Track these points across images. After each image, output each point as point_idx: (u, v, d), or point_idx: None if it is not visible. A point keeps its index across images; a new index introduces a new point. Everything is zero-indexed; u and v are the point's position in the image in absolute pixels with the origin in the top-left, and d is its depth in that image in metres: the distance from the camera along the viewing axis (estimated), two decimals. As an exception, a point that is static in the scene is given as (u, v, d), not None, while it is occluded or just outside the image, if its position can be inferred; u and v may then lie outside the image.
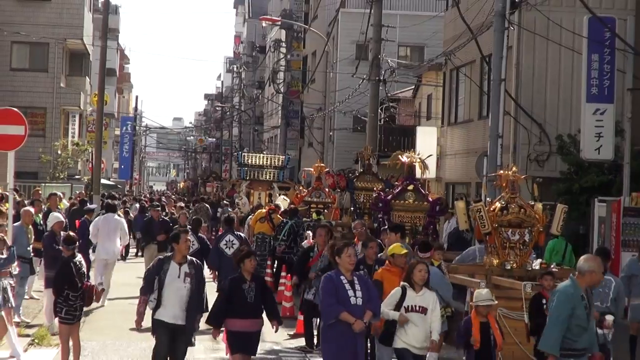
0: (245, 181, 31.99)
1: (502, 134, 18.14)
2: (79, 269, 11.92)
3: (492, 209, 12.91)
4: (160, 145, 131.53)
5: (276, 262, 21.03)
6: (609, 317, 11.33)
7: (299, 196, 24.06)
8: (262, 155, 34.56)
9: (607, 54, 18.18)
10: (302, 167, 42.30)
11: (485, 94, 23.30)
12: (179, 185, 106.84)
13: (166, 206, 34.20)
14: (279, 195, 28.69)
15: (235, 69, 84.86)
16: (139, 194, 67.06)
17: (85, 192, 32.95)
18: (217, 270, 17.00)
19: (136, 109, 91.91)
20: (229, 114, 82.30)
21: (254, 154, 34.55)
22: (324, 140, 44.13)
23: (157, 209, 23.94)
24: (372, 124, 27.09)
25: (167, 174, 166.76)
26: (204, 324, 11.14)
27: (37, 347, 14.08)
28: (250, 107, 69.03)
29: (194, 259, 11.04)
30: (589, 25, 18.04)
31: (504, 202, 12.96)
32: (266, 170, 31.68)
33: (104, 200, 29.96)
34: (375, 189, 20.57)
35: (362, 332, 10.00)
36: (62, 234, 14.43)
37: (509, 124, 21.10)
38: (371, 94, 27.35)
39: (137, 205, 35.33)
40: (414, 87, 36.61)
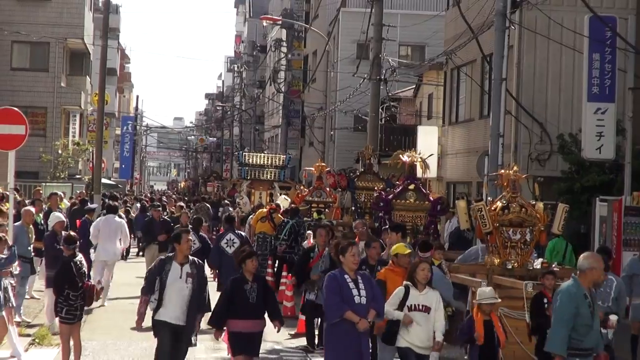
0: (246, 181, 31.94)
1: (503, 133, 18.14)
2: (79, 268, 11.92)
3: (493, 209, 12.89)
4: (161, 144, 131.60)
5: (277, 261, 21.04)
6: (613, 317, 11.31)
7: (300, 196, 24.04)
8: (263, 154, 34.51)
9: (608, 53, 18.19)
10: (303, 166, 42.29)
11: (486, 94, 23.29)
12: (180, 184, 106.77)
13: (167, 205, 34.19)
14: (280, 194, 28.67)
15: (236, 69, 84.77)
16: (140, 194, 67.01)
17: (85, 192, 32.91)
18: (218, 269, 17.01)
19: (137, 108, 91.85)
20: (229, 113, 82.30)
21: (254, 154, 34.50)
22: (324, 139, 44.11)
23: (158, 209, 23.92)
24: (373, 123, 27.07)
25: (168, 174, 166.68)
26: (204, 324, 11.13)
27: (37, 346, 14.07)
28: (251, 107, 69.01)
29: (195, 259, 10.96)
30: (590, 24, 18.04)
31: (505, 202, 12.95)
32: (267, 169, 31.64)
33: (105, 200, 29.98)
34: (376, 188, 20.59)
35: (366, 331, 9.96)
36: (63, 233, 14.42)
37: (510, 123, 21.09)
38: (372, 94, 27.33)
39: (138, 204, 35.33)
40: (415, 86, 36.59)
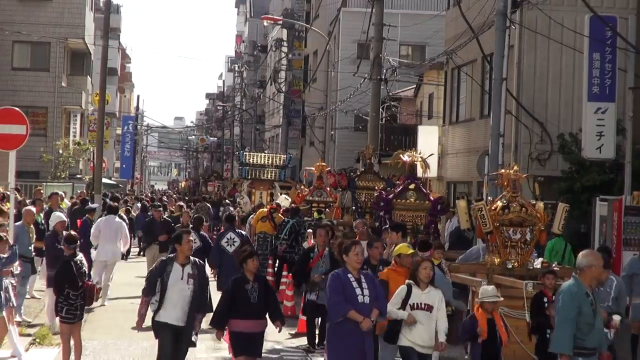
0: (246, 180, 31.93)
1: (503, 133, 18.15)
2: (79, 268, 11.92)
3: (493, 208, 12.90)
4: (161, 144, 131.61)
5: (277, 261, 21.04)
6: (617, 317, 11.29)
7: (300, 195, 24.05)
8: (263, 154, 34.52)
9: (609, 53, 18.19)
10: (304, 166, 42.31)
11: (486, 93, 23.29)
12: (181, 184, 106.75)
13: (167, 205, 34.21)
14: (281, 194, 28.68)
15: (236, 68, 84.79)
16: (141, 193, 67.01)
17: (86, 192, 32.93)
18: (218, 267, 17.03)
19: (137, 108, 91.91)
20: (230, 113, 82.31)
21: (255, 153, 34.51)
22: (325, 139, 44.11)
23: (159, 209, 23.91)
24: (373, 123, 27.08)
25: (169, 173, 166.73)
26: (205, 324, 11.12)
27: (38, 346, 14.07)
28: (251, 107, 69.01)
29: (196, 260, 10.89)
30: (591, 24, 18.04)
31: (505, 201, 12.96)
32: (267, 169, 31.64)
33: (105, 200, 29.99)
34: (376, 188, 20.59)
35: (369, 330, 9.95)
36: (64, 233, 14.43)
37: (511, 123, 21.08)
38: (372, 93, 27.33)
39: (139, 204, 35.33)
40: (415, 86, 36.58)
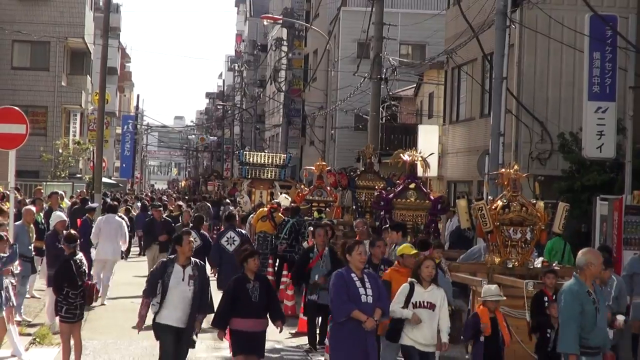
0: (246, 180, 31.93)
1: (503, 132, 18.14)
2: (79, 267, 11.91)
3: (493, 207, 12.90)
4: (161, 143, 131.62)
5: (278, 260, 21.04)
6: (620, 317, 11.26)
7: (300, 195, 24.04)
8: (263, 153, 34.49)
9: (609, 52, 18.17)
10: (304, 165, 42.30)
11: (486, 92, 23.28)
12: (181, 184, 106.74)
13: (168, 204, 34.19)
14: (281, 193, 28.68)
15: (236, 68, 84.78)
16: (141, 193, 67.01)
17: (86, 191, 32.92)
18: (218, 266, 17.04)
19: (137, 107, 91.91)
20: (230, 112, 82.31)
21: (255, 153, 34.49)
22: (325, 138, 44.10)
23: (159, 208, 23.89)
24: (373, 122, 27.07)
25: (169, 173, 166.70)
26: (206, 323, 11.10)
27: (38, 346, 14.07)
28: (251, 106, 69.01)
29: (197, 261, 10.83)
30: (591, 23, 18.02)
31: (505, 201, 12.95)
32: (268, 168, 31.63)
33: (105, 199, 29.99)
34: (376, 187, 20.57)
35: (372, 330, 9.94)
36: (64, 232, 14.42)
37: (511, 122, 21.07)
38: (373, 93, 27.33)
39: (139, 204, 35.33)
40: (415, 85, 36.56)
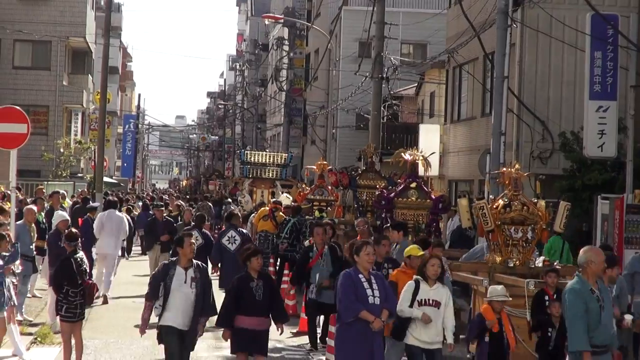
0: (247, 179, 31.93)
1: (505, 131, 18.13)
2: (79, 265, 11.90)
3: (494, 207, 12.88)
4: (162, 143, 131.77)
5: (279, 259, 21.05)
6: (628, 317, 11.23)
7: (301, 194, 24.04)
8: (264, 153, 34.51)
9: (610, 51, 18.18)
10: (305, 164, 42.32)
11: (488, 92, 23.28)
12: (182, 183, 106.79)
13: (169, 204, 34.19)
14: (282, 193, 28.68)
15: (238, 67, 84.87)
16: (142, 192, 67.02)
17: (87, 190, 32.92)
18: (218, 265, 17.06)
19: (139, 107, 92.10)
20: (231, 111, 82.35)
21: (256, 152, 34.52)
22: (326, 138, 44.11)
23: (161, 208, 23.88)
24: (374, 121, 27.07)
25: (170, 172, 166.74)
26: (207, 322, 11.09)
27: (39, 345, 14.07)
28: (253, 105, 69.04)
29: (199, 263, 10.77)
30: (592, 22, 18.03)
31: (506, 200, 12.93)
32: (269, 168, 31.62)
33: (107, 198, 29.97)
34: (378, 186, 20.55)
35: (380, 331, 9.94)
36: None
37: (512, 121, 21.07)
38: (374, 92, 27.33)
39: (140, 203, 35.33)
40: (416, 84, 36.56)
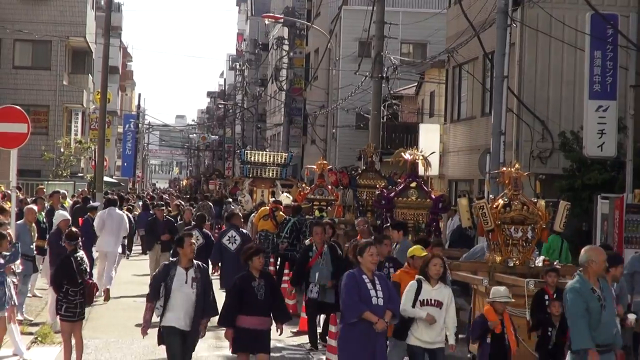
0: (248, 179, 31.93)
1: (504, 131, 18.15)
2: (79, 264, 11.90)
3: (494, 206, 12.88)
4: (163, 142, 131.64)
5: (279, 259, 21.06)
6: (632, 316, 11.21)
7: (302, 193, 24.06)
8: (264, 152, 34.53)
9: (610, 51, 18.19)
10: (305, 164, 42.34)
11: (487, 91, 23.30)
12: (182, 182, 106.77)
13: (169, 203, 34.19)
14: (282, 192, 28.69)
15: (238, 67, 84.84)
16: (142, 192, 67.03)
17: (88, 190, 32.93)
18: (218, 265, 17.08)
19: (139, 106, 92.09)
20: (231, 111, 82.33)
21: (256, 152, 34.53)
22: (326, 137, 44.12)
23: (162, 207, 23.87)
24: (374, 121, 27.08)
25: (170, 172, 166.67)
26: (209, 323, 11.09)
27: (40, 345, 14.07)
28: (253, 105, 69.03)
29: (200, 263, 10.77)
30: (592, 22, 18.03)
31: (506, 199, 12.94)
32: (269, 167, 31.63)
33: (107, 197, 29.98)
34: (378, 186, 20.56)
35: (383, 332, 9.94)
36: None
37: (512, 121, 21.09)
38: (374, 91, 27.34)
39: (140, 202, 35.33)
40: (416, 84, 36.57)
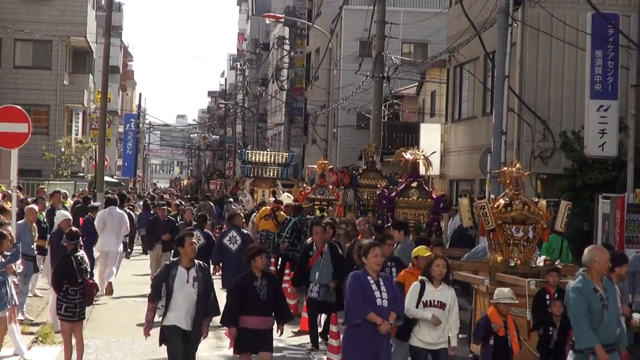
0: (248, 178, 31.98)
1: (505, 130, 18.13)
2: (80, 263, 11.89)
3: (496, 206, 12.87)
4: (163, 142, 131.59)
5: (280, 259, 21.05)
6: (636, 315, 11.18)
7: (302, 193, 24.06)
8: (265, 152, 34.56)
9: (611, 51, 18.18)
10: (306, 164, 42.36)
11: (489, 91, 23.28)
12: (183, 182, 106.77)
13: (170, 202, 34.17)
14: (283, 192, 28.70)
15: (238, 66, 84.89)
16: (143, 192, 67.02)
17: (88, 190, 32.92)
18: (219, 265, 17.08)
19: (139, 106, 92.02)
20: (232, 111, 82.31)
21: (257, 152, 34.56)
22: (327, 137, 44.12)
23: (163, 207, 23.85)
24: (375, 121, 27.08)
25: (171, 171, 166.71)
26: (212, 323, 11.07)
27: (40, 344, 14.06)
28: (253, 105, 69.01)
29: (201, 263, 10.74)
30: (593, 21, 18.03)
31: (507, 199, 12.92)
32: (270, 167, 31.65)
33: (107, 196, 29.98)
34: (379, 186, 20.56)
35: (387, 333, 9.93)
36: (68, 231, 14.42)
37: (513, 120, 21.07)
38: (375, 91, 27.34)
39: (141, 202, 35.32)
40: (417, 84, 36.56)
